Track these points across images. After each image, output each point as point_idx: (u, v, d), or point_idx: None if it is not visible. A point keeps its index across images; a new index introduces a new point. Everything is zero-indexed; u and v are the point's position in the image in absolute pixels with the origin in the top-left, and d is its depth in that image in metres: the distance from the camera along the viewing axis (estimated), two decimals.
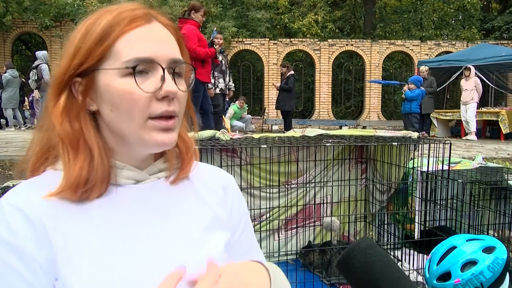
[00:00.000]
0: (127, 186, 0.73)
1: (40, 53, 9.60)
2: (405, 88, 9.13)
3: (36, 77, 9.39)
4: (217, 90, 6.88)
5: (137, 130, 0.68)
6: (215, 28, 8.46)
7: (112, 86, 0.67)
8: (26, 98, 12.70)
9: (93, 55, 0.67)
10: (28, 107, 12.69)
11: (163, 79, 0.67)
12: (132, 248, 0.68)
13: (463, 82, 9.74)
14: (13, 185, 2.16)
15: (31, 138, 0.75)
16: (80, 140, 0.69)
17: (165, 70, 0.68)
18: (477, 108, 9.66)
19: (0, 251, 0.62)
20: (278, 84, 9.51)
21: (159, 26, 0.71)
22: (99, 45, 0.67)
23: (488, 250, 1.67)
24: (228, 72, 7.19)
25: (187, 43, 3.69)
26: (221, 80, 6.94)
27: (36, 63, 9.43)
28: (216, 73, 6.82)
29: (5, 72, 10.79)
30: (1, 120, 11.87)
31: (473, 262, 1.64)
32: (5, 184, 2.18)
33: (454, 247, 1.74)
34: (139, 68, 0.66)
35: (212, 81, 6.60)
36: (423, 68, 10.35)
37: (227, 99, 12.47)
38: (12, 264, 0.61)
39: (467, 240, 1.74)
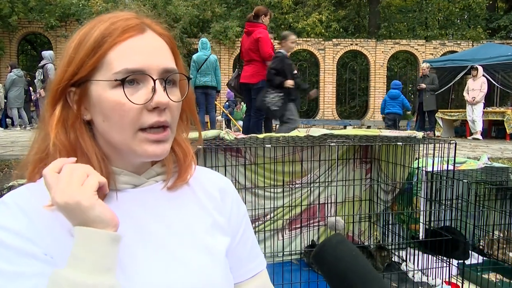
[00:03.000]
0: (126, 191, 0.74)
1: (46, 53, 9.65)
2: None
3: (42, 77, 9.43)
4: None
5: (128, 141, 0.68)
6: None
7: (103, 97, 0.67)
8: (32, 97, 12.76)
9: (85, 66, 0.67)
10: (33, 107, 12.75)
11: (154, 90, 0.67)
12: (136, 253, 0.69)
13: (470, 82, 9.69)
14: (19, 184, 2.17)
15: (30, 145, 0.75)
16: (77, 149, 0.69)
17: (156, 81, 0.67)
18: (482, 108, 9.63)
19: (4, 237, 0.62)
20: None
21: (152, 35, 0.70)
22: (91, 56, 0.67)
23: None
24: None
25: (262, 47, 3.80)
26: None
27: (42, 62, 9.47)
28: None
29: (10, 72, 10.84)
30: (7, 119, 11.94)
31: None
32: (10, 183, 2.19)
33: None
34: (129, 80, 0.66)
35: None
36: (424, 65, 10.46)
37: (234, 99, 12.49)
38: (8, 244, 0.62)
39: None
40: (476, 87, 9.44)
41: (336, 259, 0.62)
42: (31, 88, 12.24)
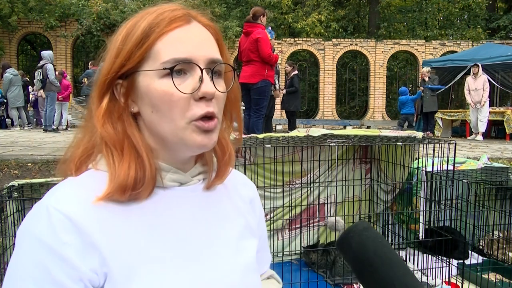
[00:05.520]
0: (172, 189, 0.73)
1: (45, 53, 9.65)
2: None
3: (41, 77, 9.43)
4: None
5: (178, 132, 0.68)
6: (270, 28, 7.87)
7: (151, 87, 0.67)
8: (30, 98, 12.74)
9: (134, 57, 0.67)
10: (31, 107, 12.73)
11: (201, 79, 0.67)
12: (182, 253, 0.69)
13: (470, 81, 9.58)
14: (19, 185, 2.17)
15: (74, 138, 0.74)
16: (124, 141, 0.69)
17: (203, 71, 0.67)
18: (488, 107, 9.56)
19: (44, 257, 0.59)
20: (284, 90, 9.33)
21: (198, 26, 0.71)
22: (139, 47, 0.67)
23: None
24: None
25: (262, 47, 3.84)
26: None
27: (41, 62, 9.47)
28: None
29: (5, 73, 10.72)
30: (7, 119, 11.94)
31: None
32: (10, 184, 2.19)
33: None
34: (177, 69, 0.66)
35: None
36: (424, 70, 10.51)
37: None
38: (53, 272, 0.59)
39: None
40: (479, 87, 9.34)
41: (361, 245, 0.62)
42: (30, 88, 12.22)
